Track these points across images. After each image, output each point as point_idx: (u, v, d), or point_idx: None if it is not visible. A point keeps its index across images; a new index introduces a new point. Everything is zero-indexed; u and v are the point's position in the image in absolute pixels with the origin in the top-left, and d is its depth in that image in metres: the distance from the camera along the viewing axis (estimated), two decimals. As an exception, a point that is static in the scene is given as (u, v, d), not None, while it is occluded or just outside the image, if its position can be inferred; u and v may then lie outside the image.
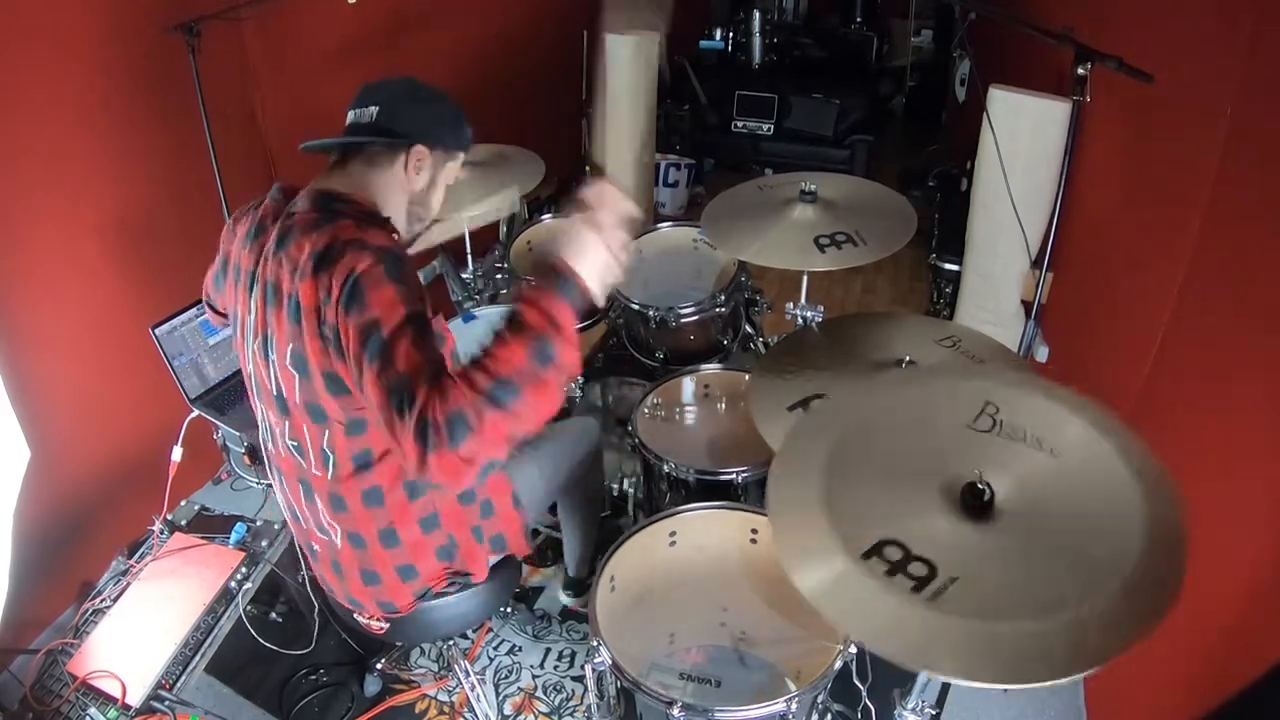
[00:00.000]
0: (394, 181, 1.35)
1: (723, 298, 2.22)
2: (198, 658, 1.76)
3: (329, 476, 1.33)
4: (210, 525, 2.01)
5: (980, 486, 1.01)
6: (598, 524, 2.08)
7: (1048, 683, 0.86)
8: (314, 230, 1.22)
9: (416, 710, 2.01)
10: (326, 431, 1.28)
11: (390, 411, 1.06)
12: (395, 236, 1.32)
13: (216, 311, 1.60)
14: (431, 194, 1.41)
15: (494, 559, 1.58)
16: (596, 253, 1.12)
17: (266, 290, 1.27)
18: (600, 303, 1.16)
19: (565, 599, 2.22)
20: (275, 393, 1.30)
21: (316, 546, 1.47)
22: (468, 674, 1.89)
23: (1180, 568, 0.93)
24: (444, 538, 1.46)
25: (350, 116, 1.36)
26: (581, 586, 2.17)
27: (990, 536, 1.00)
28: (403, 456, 1.06)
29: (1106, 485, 1.03)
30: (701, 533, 1.64)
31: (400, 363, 1.07)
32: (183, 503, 2.08)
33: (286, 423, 1.32)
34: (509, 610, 2.21)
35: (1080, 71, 1.54)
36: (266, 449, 1.44)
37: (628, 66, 3.30)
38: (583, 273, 1.11)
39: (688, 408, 2.16)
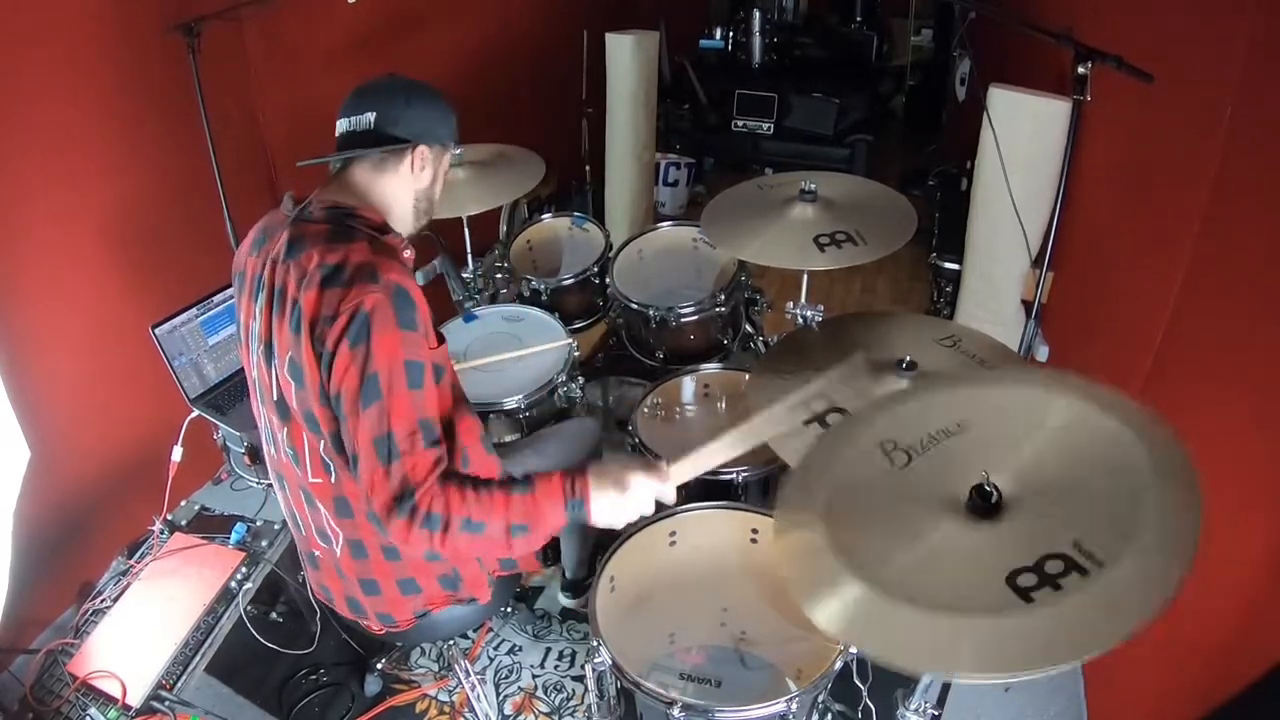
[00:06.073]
0: (401, 184, 1.37)
1: (723, 297, 2.22)
2: (198, 658, 1.76)
3: (331, 480, 1.32)
4: (210, 525, 2.01)
5: (988, 489, 0.99)
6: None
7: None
8: (326, 242, 1.23)
9: (417, 710, 2.01)
10: (323, 440, 1.28)
11: (373, 459, 1.16)
12: (407, 255, 1.33)
13: None
14: (435, 188, 1.44)
15: (503, 575, 1.58)
16: (626, 503, 1.27)
17: (273, 295, 1.27)
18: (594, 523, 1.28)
19: (564, 600, 2.22)
20: (277, 398, 1.30)
21: (317, 553, 1.46)
22: (468, 674, 1.89)
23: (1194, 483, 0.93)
24: (447, 568, 1.46)
25: (344, 125, 1.35)
26: (580, 588, 2.17)
27: (1008, 527, 0.98)
28: (368, 492, 1.18)
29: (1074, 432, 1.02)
30: (701, 533, 1.64)
31: (394, 419, 1.17)
32: (183, 503, 2.08)
33: (287, 429, 1.32)
34: (509, 610, 2.20)
35: (1080, 71, 1.54)
36: (269, 453, 1.43)
37: (628, 66, 3.31)
38: (595, 504, 1.24)
39: (688, 407, 2.16)
